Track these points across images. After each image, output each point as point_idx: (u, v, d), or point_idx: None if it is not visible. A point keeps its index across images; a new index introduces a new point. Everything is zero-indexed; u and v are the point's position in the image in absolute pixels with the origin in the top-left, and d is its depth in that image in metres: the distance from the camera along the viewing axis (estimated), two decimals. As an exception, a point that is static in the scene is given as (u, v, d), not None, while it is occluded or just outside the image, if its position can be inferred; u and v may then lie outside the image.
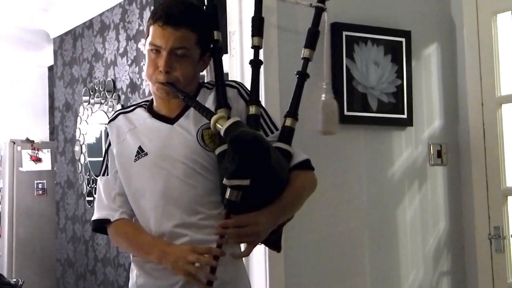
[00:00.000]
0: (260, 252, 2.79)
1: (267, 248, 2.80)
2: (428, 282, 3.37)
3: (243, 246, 2.08)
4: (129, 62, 4.88)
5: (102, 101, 5.26)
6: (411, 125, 3.35)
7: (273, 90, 2.87)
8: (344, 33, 3.15)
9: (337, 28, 3.09)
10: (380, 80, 3.25)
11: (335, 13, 2.37)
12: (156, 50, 2.01)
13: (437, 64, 3.49)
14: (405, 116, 3.32)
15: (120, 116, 2.16)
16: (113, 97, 5.09)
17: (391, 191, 3.30)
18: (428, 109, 3.44)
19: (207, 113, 1.98)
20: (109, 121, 2.19)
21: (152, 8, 4.56)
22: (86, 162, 5.52)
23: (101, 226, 2.14)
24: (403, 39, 3.32)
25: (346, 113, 3.11)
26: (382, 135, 3.29)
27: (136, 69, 4.78)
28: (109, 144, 2.16)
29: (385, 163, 3.29)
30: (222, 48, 2.18)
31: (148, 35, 2.05)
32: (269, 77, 2.17)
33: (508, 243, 3.30)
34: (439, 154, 3.44)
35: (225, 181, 1.89)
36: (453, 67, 3.52)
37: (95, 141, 5.43)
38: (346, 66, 3.15)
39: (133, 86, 4.82)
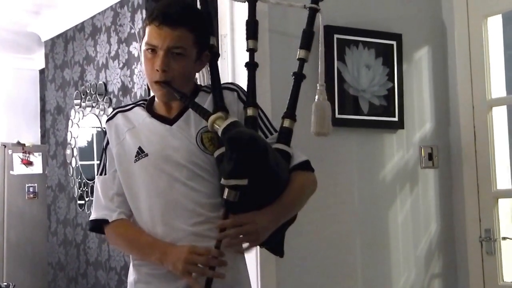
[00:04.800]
0: (251, 255, 2.79)
1: (258, 252, 2.81)
2: (420, 285, 3.37)
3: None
4: (121, 65, 4.87)
5: (94, 104, 5.25)
6: (402, 128, 3.35)
7: (265, 92, 2.89)
8: (336, 36, 3.16)
9: (328, 31, 3.09)
10: (371, 83, 3.26)
11: (327, 16, 2.38)
12: (152, 50, 2.01)
13: (428, 67, 3.50)
14: (396, 119, 3.32)
15: (119, 115, 2.15)
16: (104, 100, 5.08)
17: (382, 194, 3.31)
18: (419, 112, 3.45)
19: (204, 114, 1.99)
20: (107, 120, 2.17)
21: (144, 11, 4.56)
22: (77, 165, 5.50)
23: (99, 226, 2.12)
24: (394, 42, 3.33)
25: (337, 116, 3.12)
26: (374, 138, 3.30)
27: (128, 72, 4.77)
28: (107, 143, 2.14)
29: (376, 166, 3.30)
30: (218, 53, 2.20)
31: (144, 36, 2.05)
32: (260, 80, 2.18)
33: (499, 246, 3.30)
34: (430, 156, 3.45)
35: (222, 181, 1.89)
36: (444, 70, 3.53)
37: (86, 145, 5.41)
38: (338, 69, 3.16)
39: (125, 89, 4.81)
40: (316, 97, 2.40)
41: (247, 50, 2.22)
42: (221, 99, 2.07)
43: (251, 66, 2.20)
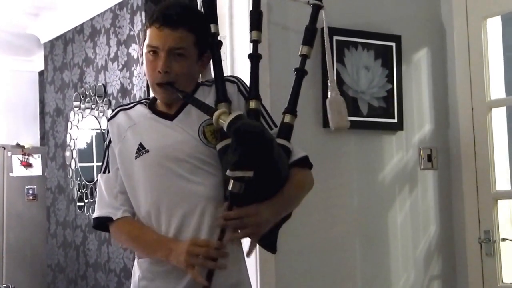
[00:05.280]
0: (251, 256, 2.79)
1: (258, 252, 2.81)
2: (419, 286, 3.37)
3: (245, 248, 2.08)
4: (120, 67, 4.87)
5: (93, 106, 5.24)
6: (402, 129, 3.36)
7: (264, 85, 2.87)
8: (335, 37, 3.16)
9: (327, 33, 3.09)
10: (371, 85, 3.26)
11: (326, 17, 2.38)
12: (153, 51, 2.02)
13: (427, 68, 3.50)
14: (395, 120, 3.33)
15: (120, 113, 2.15)
16: (104, 102, 5.07)
17: (381, 195, 3.31)
18: (418, 113, 3.45)
19: (208, 110, 1.98)
20: (110, 118, 2.18)
21: (143, 13, 4.56)
22: (77, 167, 5.50)
23: (102, 223, 2.13)
24: (393, 44, 3.33)
25: (336, 117, 3.12)
26: (373, 139, 3.30)
27: (127, 74, 4.77)
28: (110, 142, 2.15)
29: (375, 168, 3.30)
30: (220, 41, 2.16)
31: (145, 39, 2.05)
32: (259, 73, 2.15)
33: (498, 247, 3.31)
34: (429, 158, 3.45)
35: (228, 172, 1.88)
36: (443, 72, 3.53)
37: (86, 146, 5.40)
38: (337, 70, 3.16)
39: (124, 91, 4.81)
40: (329, 93, 2.37)
41: (250, 41, 2.17)
42: (224, 90, 2.06)
43: (254, 58, 2.16)
